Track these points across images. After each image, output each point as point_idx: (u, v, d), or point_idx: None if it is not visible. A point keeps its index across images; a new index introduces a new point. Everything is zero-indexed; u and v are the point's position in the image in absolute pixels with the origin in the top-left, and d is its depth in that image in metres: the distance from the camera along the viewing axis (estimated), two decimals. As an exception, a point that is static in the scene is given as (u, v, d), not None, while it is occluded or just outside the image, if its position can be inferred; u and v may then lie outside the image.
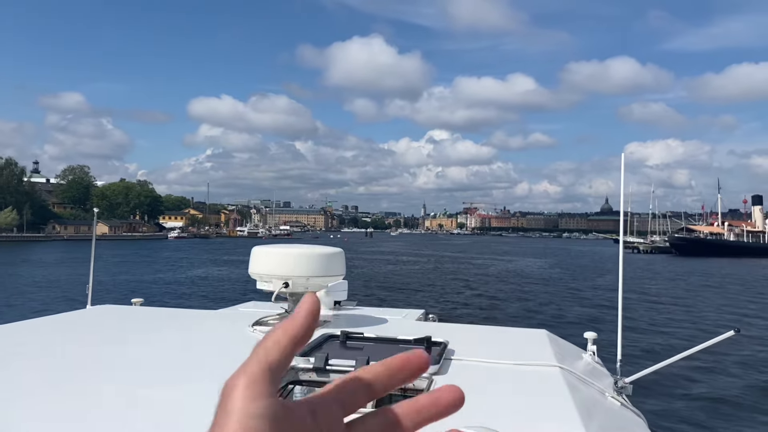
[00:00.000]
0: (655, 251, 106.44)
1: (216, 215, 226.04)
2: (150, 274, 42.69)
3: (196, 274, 44.07)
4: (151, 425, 1.87)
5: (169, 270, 47.71)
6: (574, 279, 43.60)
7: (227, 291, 32.50)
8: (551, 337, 3.44)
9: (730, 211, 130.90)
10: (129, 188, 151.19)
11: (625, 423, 2.54)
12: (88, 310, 4.02)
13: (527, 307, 27.63)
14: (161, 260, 60.17)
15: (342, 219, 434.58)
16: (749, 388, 13.32)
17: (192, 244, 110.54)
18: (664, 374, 3.51)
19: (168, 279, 38.72)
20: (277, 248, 3.45)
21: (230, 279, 39.29)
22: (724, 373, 14.43)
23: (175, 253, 75.67)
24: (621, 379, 2.85)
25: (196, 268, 49.57)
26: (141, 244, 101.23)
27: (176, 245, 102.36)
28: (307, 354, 2.47)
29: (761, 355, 16.48)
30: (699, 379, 13.67)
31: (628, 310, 26.64)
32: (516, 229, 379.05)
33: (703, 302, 31.25)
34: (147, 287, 32.73)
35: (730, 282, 44.86)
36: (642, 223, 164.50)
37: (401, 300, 27.48)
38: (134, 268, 49.07)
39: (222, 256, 68.16)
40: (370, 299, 21.16)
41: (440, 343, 2.75)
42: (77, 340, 3.08)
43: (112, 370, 2.48)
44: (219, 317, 4.08)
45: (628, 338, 20.56)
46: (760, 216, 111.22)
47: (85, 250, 77.73)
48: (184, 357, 2.76)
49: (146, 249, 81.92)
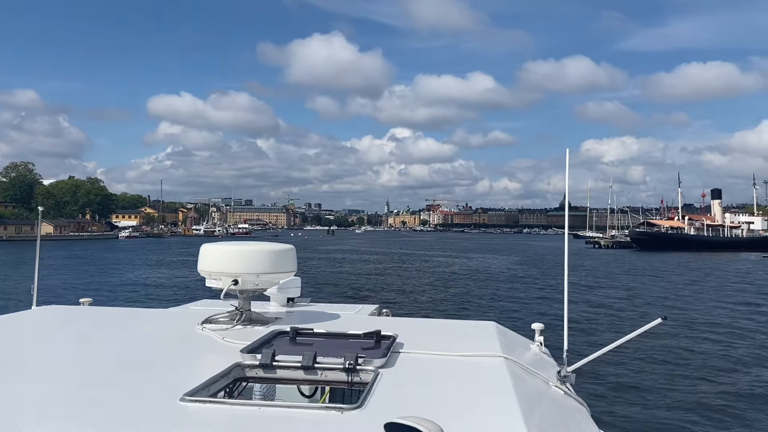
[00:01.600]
0: (616, 246, 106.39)
1: (173, 214, 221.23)
2: (88, 276, 39.17)
3: (136, 276, 40.71)
4: (91, 428, 1.80)
5: (112, 272, 44.28)
6: (544, 276, 41.91)
7: (170, 292, 31.35)
8: (500, 329, 3.43)
9: (685, 205, 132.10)
10: (78, 186, 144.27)
11: (567, 411, 2.53)
12: (32, 310, 3.84)
13: (485, 302, 27.91)
14: (102, 261, 56.11)
15: (305, 217, 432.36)
16: (682, 370, 14.57)
17: (143, 243, 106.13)
18: (606, 362, 3.66)
19: (112, 282, 35.62)
20: (226, 245, 3.36)
21: (175, 280, 36.37)
22: (664, 357, 15.73)
23: (118, 253, 71.35)
24: (564, 368, 2.85)
25: (137, 270, 46.07)
26: (88, 244, 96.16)
27: (126, 245, 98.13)
28: (255, 351, 2.44)
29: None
30: (638, 366, 14.37)
31: (588, 303, 26.16)
32: (478, 225, 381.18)
33: (653, 293, 32.82)
34: (86, 289, 29.89)
35: (700, 276, 44.62)
36: (600, 218, 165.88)
37: (358, 298, 27.14)
38: (73, 269, 45.44)
39: (170, 257, 64.47)
40: (328, 297, 21.14)
41: (389, 337, 2.74)
42: (20, 342, 3.03)
43: (56, 371, 2.40)
44: (169, 316, 3.92)
45: (584, 330, 19.58)
46: (720, 210, 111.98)
47: (25, 251, 73.20)
48: (132, 356, 2.69)
49: (91, 249, 77.39)
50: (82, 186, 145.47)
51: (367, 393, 2.07)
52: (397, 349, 2.69)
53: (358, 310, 4.65)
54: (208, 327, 3.15)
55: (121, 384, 2.21)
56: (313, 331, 2.85)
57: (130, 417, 1.86)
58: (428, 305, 26.44)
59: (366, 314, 4.43)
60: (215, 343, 2.87)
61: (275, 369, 2.36)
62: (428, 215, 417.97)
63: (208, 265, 3.32)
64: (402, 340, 2.80)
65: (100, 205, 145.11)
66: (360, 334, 2.79)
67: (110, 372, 2.40)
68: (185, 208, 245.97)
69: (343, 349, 2.44)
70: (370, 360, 2.38)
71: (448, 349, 2.76)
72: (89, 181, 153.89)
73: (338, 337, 2.82)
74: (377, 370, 2.33)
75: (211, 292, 3.48)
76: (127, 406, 1.96)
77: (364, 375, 2.32)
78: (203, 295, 4.75)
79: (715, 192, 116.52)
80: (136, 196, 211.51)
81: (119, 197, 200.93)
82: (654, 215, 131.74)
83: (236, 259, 3.27)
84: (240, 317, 3.26)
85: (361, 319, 4.03)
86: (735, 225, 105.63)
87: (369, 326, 2.92)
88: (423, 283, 35.40)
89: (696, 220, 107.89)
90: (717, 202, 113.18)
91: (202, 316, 3.30)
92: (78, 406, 1.96)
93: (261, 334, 2.79)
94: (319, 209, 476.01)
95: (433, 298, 29.30)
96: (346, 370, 2.30)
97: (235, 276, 3.21)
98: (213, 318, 3.27)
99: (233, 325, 3.18)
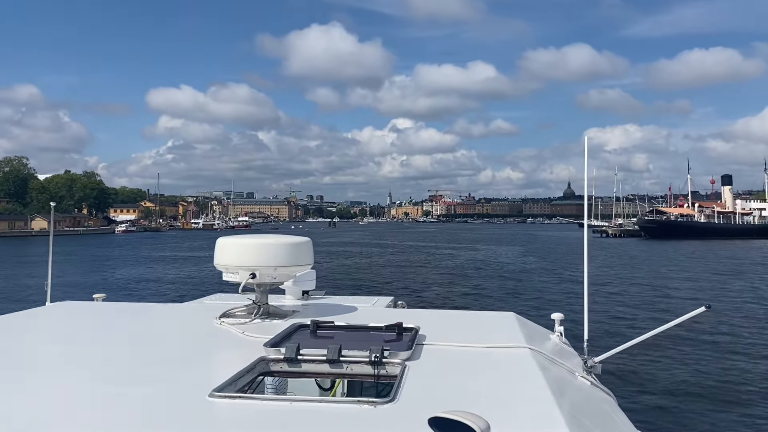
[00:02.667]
0: (624, 235, 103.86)
1: (174, 207, 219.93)
2: (74, 275, 36.76)
3: (124, 274, 38.25)
4: (121, 424, 1.81)
5: (97, 270, 41.74)
6: (556, 267, 39.45)
7: (165, 288, 30.58)
8: (519, 319, 3.42)
9: (691, 192, 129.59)
10: (73, 180, 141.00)
11: (595, 402, 2.54)
12: (47, 307, 3.81)
13: (498, 296, 26.97)
14: (89, 259, 53.69)
15: (307, 209, 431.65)
16: (715, 365, 13.44)
17: (140, 238, 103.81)
18: (630, 354, 3.33)
19: (92, 281, 33.04)
20: (242, 239, 3.34)
21: (161, 281, 33.92)
22: (689, 350, 14.63)
23: (111, 250, 68.72)
24: (590, 359, 2.90)
25: (126, 268, 43.55)
26: (82, 239, 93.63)
27: (122, 240, 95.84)
28: (278, 344, 2.44)
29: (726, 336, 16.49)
30: (665, 358, 13.69)
31: (603, 295, 24.94)
32: (481, 215, 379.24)
33: (673, 283, 31.32)
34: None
35: (720, 264, 42.72)
36: (606, 206, 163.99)
37: (370, 290, 26.47)
38: (59, 266, 42.88)
39: (161, 252, 62.01)
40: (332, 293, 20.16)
41: (411, 329, 2.74)
42: (38, 338, 2.99)
43: (78, 367, 2.39)
44: (185, 311, 3.89)
45: (603, 322, 17.79)
46: (730, 196, 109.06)
47: (20, 247, 71.25)
48: (154, 352, 2.69)
49: (83, 245, 74.95)
50: (77, 180, 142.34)
51: (398, 386, 2.04)
52: (420, 342, 2.66)
53: (374, 302, 4.52)
54: (226, 321, 3.11)
55: (147, 380, 2.18)
56: (334, 323, 2.84)
57: (159, 413, 1.86)
58: (438, 301, 24.99)
59: (382, 306, 4.35)
60: (236, 338, 2.83)
61: (300, 363, 2.33)
62: (431, 206, 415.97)
63: (225, 259, 3.25)
64: (423, 332, 2.78)
65: (96, 200, 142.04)
66: (382, 326, 2.78)
67: (135, 368, 2.37)
68: (185, 201, 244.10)
69: (367, 342, 2.43)
70: (396, 353, 2.35)
71: (472, 341, 2.73)
72: (85, 175, 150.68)
73: (360, 330, 2.81)
74: (404, 363, 2.31)
75: (218, 287, 3.51)
76: (156, 403, 1.94)
77: (390, 368, 2.29)
78: (191, 292, 4.37)
79: (726, 178, 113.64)
80: (135, 190, 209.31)
81: (119, 191, 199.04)
82: (660, 203, 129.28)
83: (253, 253, 3.21)
84: (258, 311, 3.22)
85: (378, 311, 3.97)
86: (746, 212, 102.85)
87: (388, 318, 2.95)
88: (429, 280, 33.46)
89: (706, 207, 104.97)
90: (728, 188, 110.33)
91: (218, 310, 3.29)
92: (106, 403, 1.94)
93: (281, 328, 2.78)
94: (321, 201, 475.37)
95: (440, 294, 27.77)
96: (372, 363, 2.28)
97: (253, 269, 3.15)
98: (231, 312, 3.24)
99: (252, 319, 3.14)
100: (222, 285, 3.49)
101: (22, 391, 2.06)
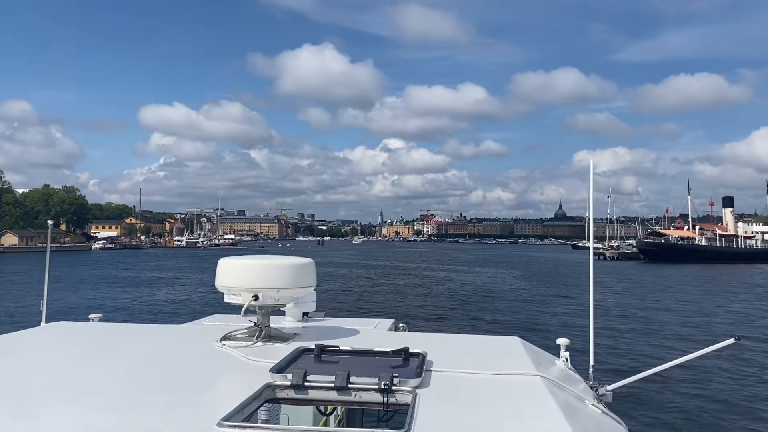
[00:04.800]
0: (622, 258, 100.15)
1: (160, 224, 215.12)
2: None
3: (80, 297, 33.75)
4: None
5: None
6: (565, 297, 35.18)
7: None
8: (525, 344, 3.36)
9: (682, 215, 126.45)
10: (50, 195, 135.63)
11: (607, 430, 2.47)
12: (42, 327, 3.71)
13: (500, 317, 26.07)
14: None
15: (297, 227, 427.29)
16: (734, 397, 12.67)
17: (114, 256, 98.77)
18: (641, 383, 3.00)
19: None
20: (245, 260, 3.25)
21: (141, 298, 29.44)
22: (708, 382, 13.63)
23: (72, 269, 63.53)
24: (602, 387, 2.87)
25: (78, 290, 38.95)
26: (55, 257, 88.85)
27: (98, 258, 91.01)
28: (283, 370, 2.36)
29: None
30: (679, 389, 13.04)
31: (611, 323, 22.94)
32: (472, 235, 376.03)
33: (685, 311, 29.26)
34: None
35: (729, 290, 39.99)
36: (598, 228, 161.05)
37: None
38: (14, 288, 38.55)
39: (138, 272, 57.34)
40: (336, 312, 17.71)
41: (418, 354, 2.64)
42: (34, 361, 2.88)
43: (79, 394, 2.26)
44: (185, 332, 3.79)
45: (610, 351, 17.08)
46: (732, 219, 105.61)
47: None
48: (155, 377, 2.58)
49: (54, 264, 70.11)
50: (55, 194, 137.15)
51: (411, 416, 1.97)
52: (428, 368, 2.58)
53: (376, 324, 4.43)
54: (228, 344, 3.04)
55: (151, 407, 2.11)
56: (339, 348, 2.76)
57: None
58: (435, 325, 23.26)
59: (384, 329, 4.27)
60: (239, 362, 2.76)
61: (307, 390, 2.26)
62: (422, 225, 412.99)
63: (227, 280, 3.16)
64: (429, 357, 2.69)
65: (74, 215, 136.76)
66: (388, 351, 2.70)
67: (139, 394, 2.29)
68: (172, 218, 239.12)
69: (374, 368, 2.39)
70: (406, 380, 2.26)
71: (480, 367, 2.66)
72: (65, 190, 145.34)
73: (365, 355, 2.74)
74: (414, 391, 2.23)
75: (214, 308, 3.42)
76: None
77: (400, 396, 2.21)
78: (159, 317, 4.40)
79: (727, 200, 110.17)
80: (121, 206, 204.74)
81: (104, 207, 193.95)
82: (653, 225, 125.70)
83: (256, 274, 3.13)
84: (260, 333, 3.14)
85: (381, 334, 3.93)
86: (749, 235, 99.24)
87: (391, 342, 2.90)
88: (423, 309, 29.75)
89: (707, 230, 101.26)
90: (729, 210, 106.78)
91: (218, 332, 3.22)
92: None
93: (283, 352, 2.72)
94: (312, 219, 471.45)
95: (439, 316, 25.52)
96: (381, 390, 2.19)
97: (255, 291, 3.09)
98: (231, 335, 3.17)
99: (254, 342, 3.07)
100: (216, 307, 3.40)
101: (22, 419, 1.95)
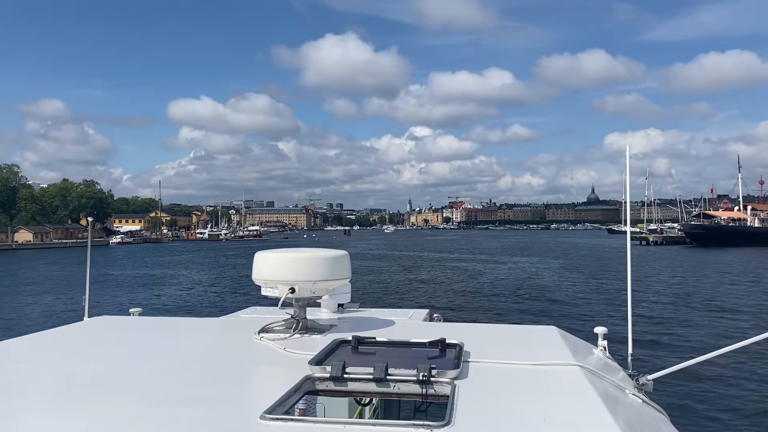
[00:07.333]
0: (666, 242, 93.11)
1: (187, 217, 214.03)
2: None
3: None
4: None
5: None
6: (608, 287, 29.66)
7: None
8: (562, 333, 3.32)
9: (719, 196, 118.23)
10: (68, 189, 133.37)
11: (649, 420, 2.45)
12: (85, 322, 3.78)
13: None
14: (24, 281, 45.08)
15: (326, 217, 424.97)
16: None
17: (135, 250, 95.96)
18: (681, 373, 3.07)
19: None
20: (281, 252, 3.29)
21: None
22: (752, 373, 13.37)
23: (78, 269, 59.58)
24: (643, 376, 2.87)
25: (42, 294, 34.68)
26: (64, 253, 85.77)
27: (114, 253, 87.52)
28: (322, 362, 2.37)
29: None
30: (721, 382, 12.67)
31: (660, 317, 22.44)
32: (503, 221, 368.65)
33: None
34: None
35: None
36: (634, 211, 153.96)
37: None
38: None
39: (145, 269, 53.26)
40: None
41: (455, 345, 2.62)
42: (79, 355, 2.93)
43: (121, 385, 2.33)
44: (223, 326, 3.84)
45: (649, 341, 17.51)
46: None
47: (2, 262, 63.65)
48: (197, 369, 2.63)
49: (53, 261, 66.77)
50: (73, 189, 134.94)
51: (451, 408, 1.97)
52: (465, 358, 2.56)
53: (411, 315, 4.38)
54: (266, 336, 3.10)
55: (197, 400, 2.14)
56: (376, 339, 2.77)
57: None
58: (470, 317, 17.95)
59: (419, 319, 4.25)
60: (278, 354, 2.80)
61: (346, 381, 2.26)
62: (451, 212, 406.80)
63: (264, 274, 3.21)
64: (466, 347, 2.67)
65: (94, 209, 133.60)
66: (425, 342, 2.68)
67: (183, 387, 2.33)
68: (199, 211, 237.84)
69: (412, 359, 2.39)
70: (444, 371, 2.26)
71: (517, 357, 2.63)
72: (84, 184, 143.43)
73: (402, 346, 2.72)
74: (452, 382, 2.22)
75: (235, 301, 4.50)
76: (208, 425, 1.90)
77: (439, 387, 2.21)
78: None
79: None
80: (147, 200, 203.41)
81: (131, 201, 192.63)
82: (692, 206, 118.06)
83: (292, 267, 3.18)
84: (297, 326, 3.19)
85: (416, 325, 3.91)
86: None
87: (427, 333, 2.89)
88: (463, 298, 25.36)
89: (761, 210, 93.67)
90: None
91: (255, 325, 3.26)
92: (159, 426, 1.89)
93: (321, 343, 2.73)
94: (340, 209, 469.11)
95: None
96: (420, 382, 2.19)
97: (292, 284, 3.14)
98: (269, 327, 3.22)
99: (291, 334, 3.12)
100: (251, 299, 2.70)
101: (69, 412, 1.99)
